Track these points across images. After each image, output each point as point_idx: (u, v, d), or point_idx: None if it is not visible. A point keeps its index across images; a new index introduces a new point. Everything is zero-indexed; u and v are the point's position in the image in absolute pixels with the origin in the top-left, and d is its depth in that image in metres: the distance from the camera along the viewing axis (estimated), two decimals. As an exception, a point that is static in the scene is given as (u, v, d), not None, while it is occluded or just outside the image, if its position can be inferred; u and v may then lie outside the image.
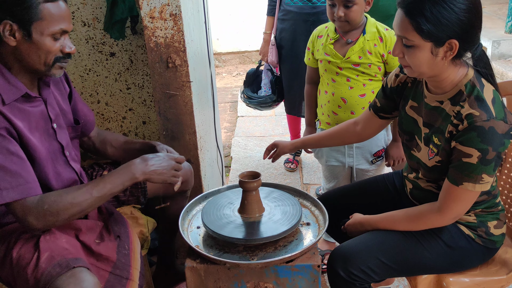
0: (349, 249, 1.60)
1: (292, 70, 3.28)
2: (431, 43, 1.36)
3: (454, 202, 1.48)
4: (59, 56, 1.52)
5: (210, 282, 1.60)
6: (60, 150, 1.66)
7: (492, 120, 1.37)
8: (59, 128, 1.65)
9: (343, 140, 1.98)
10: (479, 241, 1.59)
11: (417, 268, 1.61)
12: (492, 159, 1.39)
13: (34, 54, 1.48)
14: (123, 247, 1.70)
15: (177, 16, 1.96)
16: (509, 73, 4.95)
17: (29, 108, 1.53)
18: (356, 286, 1.56)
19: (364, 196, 1.90)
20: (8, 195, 1.41)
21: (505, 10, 6.10)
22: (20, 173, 1.43)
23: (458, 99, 1.45)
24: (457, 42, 1.35)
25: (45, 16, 1.45)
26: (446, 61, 1.40)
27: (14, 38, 1.45)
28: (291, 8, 3.15)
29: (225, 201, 1.81)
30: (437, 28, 1.33)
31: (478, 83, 1.44)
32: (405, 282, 2.34)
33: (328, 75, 2.23)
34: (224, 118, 4.87)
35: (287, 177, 3.56)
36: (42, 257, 1.44)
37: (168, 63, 2.03)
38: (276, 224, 1.66)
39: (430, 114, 1.56)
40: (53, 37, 1.49)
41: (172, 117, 2.14)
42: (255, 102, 3.42)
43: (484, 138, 1.37)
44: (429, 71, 1.44)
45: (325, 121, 2.32)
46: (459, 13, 1.32)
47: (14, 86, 1.49)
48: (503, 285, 1.65)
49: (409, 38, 1.38)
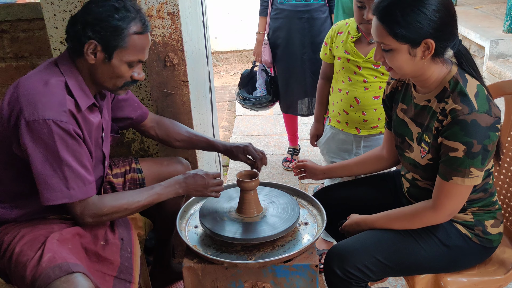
0: (346, 247, 1.60)
1: (287, 68, 3.27)
2: (407, 45, 1.42)
3: (446, 198, 1.49)
4: (128, 81, 1.59)
5: (208, 282, 1.60)
6: (102, 159, 1.73)
7: (474, 113, 1.40)
8: (106, 138, 1.72)
9: (369, 165, 1.94)
10: (476, 240, 1.59)
11: (414, 268, 1.61)
12: (478, 152, 1.41)
13: (108, 75, 1.55)
14: (125, 250, 1.71)
15: (175, 14, 1.95)
16: (507, 72, 4.95)
17: (91, 118, 1.60)
18: (352, 285, 1.56)
19: (363, 194, 1.90)
20: (75, 195, 1.49)
21: (503, 10, 6.11)
22: (85, 175, 1.51)
23: (443, 96, 1.49)
24: (432, 41, 1.40)
25: (130, 46, 1.52)
26: (425, 59, 1.44)
27: (95, 57, 1.51)
28: (285, 7, 3.15)
29: (223, 201, 1.81)
30: (410, 30, 1.39)
31: (462, 78, 1.48)
32: (402, 282, 2.34)
33: (345, 73, 2.21)
34: (222, 117, 4.87)
35: (285, 176, 3.56)
36: (44, 257, 1.44)
37: (165, 62, 2.02)
38: (274, 223, 1.65)
39: (420, 114, 1.59)
40: (129, 65, 1.55)
41: (170, 116, 2.13)
42: (250, 103, 3.42)
43: (467, 132, 1.40)
44: (411, 71, 1.49)
45: (336, 119, 2.32)
46: (429, 14, 1.38)
47: (87, 95, 1.56)
48: (501, 285, 1.65)
49: (386, 43, 1.44)
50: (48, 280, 1.38)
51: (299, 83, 3.28)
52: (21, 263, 1.47)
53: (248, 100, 3.42)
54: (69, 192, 1.48)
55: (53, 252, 1.46)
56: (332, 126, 2.35)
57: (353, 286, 1.57)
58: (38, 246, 1.49)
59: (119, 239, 1.72)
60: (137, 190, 1.66)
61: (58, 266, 1.41)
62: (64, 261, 1.42)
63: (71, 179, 1.48)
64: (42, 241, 1.51)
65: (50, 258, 1.43)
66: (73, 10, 2.28)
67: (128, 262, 1.68)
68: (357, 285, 1.57)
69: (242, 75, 3.55)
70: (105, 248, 1.65)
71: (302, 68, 3.23)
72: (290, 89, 3.32)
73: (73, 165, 1.48)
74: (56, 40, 2.34)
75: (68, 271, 1.39)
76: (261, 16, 3.34)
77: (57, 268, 1.40)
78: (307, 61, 3.21)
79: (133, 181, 1.97)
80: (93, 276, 1.53)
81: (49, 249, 1.47)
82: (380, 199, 1.85)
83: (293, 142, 3.73)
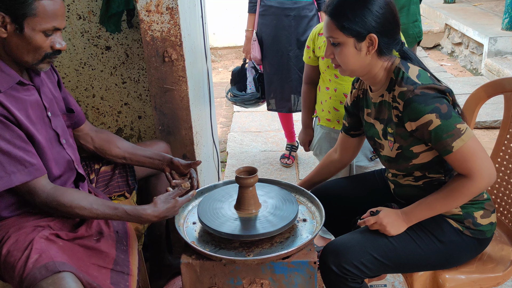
0: (342, 244, 1.60)
1: (272, 65, 3.29)
2: (353, 39, 1.51)
3: (469, 162, 1.46)
4: (49, 52, 1.52)
5: (206, 278, 1.60)
6: (55, 138, 1.66)
7: (418, 86, 1.48)
8: (53, 116, 1.66)
9: (329, 171, 2.00)
10: (468, 233, 1.60)
11: (411, 265, 1.62)
12: (449, 111, 1.46)
13: (24, 48, 1.48)
14: (121, 242, 1.70)
15: (174, 9, 1.94)
16: (505, 70, 4.96)
17: (24, 97, 1.54)
18: (348, 281, 1.57)
19: (362, 190, 1.90)
20: (16, 178, 1.46)
21: (501, 7, 6.11)
22: (24, 157, 1.47)
23: (392, 86, 1.57)
24: (376, 37, 1.50)
25: (39, 12, 1.45)
26: (370, 55, 1.54)
27: (5, 30, 1.45)
28: (272, 3, 3.17)
29: (221, 197, 1.80)
30: (356, 24, 1.49)
31: (404, 66, 1.56)
32: (400, 279, 2.34)
33: (331, 71, 2.21)
34: (220, 113, 4.86)
35: (283, 172, 3.55)
36: (31, 257, 1.42)
37: (164, 57, 2.01)
38: (272, 220, 1.65)
39: (379, 111, 1.66)
40: (44, 34, 1.48)
41: (168, 112, 2.12)
42: (239, 100, 3.43)
43: (424, 101, 1.46)
44: (358, 67, 1.57)
45: (325, 118, 2.31)
46: (373, 9, 1.49)
47: (8, 74, 1.50)
48: (499, 282, 1.65)
49: (334, 36, 1.54)
50: (35, 281, 1.36)
51: (285, 80, 3.29)
52: (10, 264, 1.45)
53: (237, 97, 3.44)
54: (9, 177, 1.44)
55: (41, 251, 1.44)
56: (323, 126, 2.34)
57: (349, 282, 1.57)
58: (25, 246, 1.47)
59: (114, 232, 1.71)
60: (101, 200, 1.61)
61: (44, 266, 1.39)
62: (50, 260, 1.40)
63: (8, 163, 1.44)
64: (29, 240, 1.48)
65: (37, 258, 1.42)
66: (71, 4, 2.27)
67: (124, 254, 1.67)
68: (353, 281, 1.57)
69: (232, 72, 3.57)
70: (100, 241, 1.64)
71: (288, 65, 3.24)
72: (276, 86, 3.33)
73: (5, 148, 1.44)
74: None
75: (54, 271, 1.37)
76: (250, 13, 3.36)
77: (43, 268, 1.38)
78: (293, 58, 3.22)
79: (123, 168, 1.99)
80: (89, 269, 1.53)
81: (36, 249, 1.45)
82: (380, 195, 1.85)
83: (290, 138, 3.73)
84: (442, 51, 6.75)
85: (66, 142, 1.70)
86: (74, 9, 2.29)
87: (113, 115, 2.52)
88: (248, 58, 3.43)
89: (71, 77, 2.42)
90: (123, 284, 1.57)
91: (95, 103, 2.49)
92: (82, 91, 2.46)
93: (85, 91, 2.46)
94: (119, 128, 2.55)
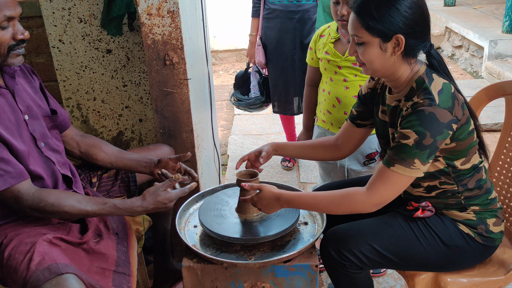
0: (344, 231, 1.60)
1: (277, 68, 3.29)
2: (379, 39, 1.45)
3: (383, 183, 1.47)
4: (12, 44, 1.47)
5: (207, 281, 1.59)
6: (33, 141, 1.63)
7: (434, 106, 1.42)
8: (31, 119, 1.62)
9: (324, 152, 1.92)
10: (479, 239, 1.59)
11: (411, 261, 1.61)
12: (428, 146, 1.42)
13: None
14: (121, 244, 1.70)
15: (175, 13, 1.94)
16: (506, 72, 4.96)
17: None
18: (346, 267, 1.58)
19: None
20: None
21: (502, 10, 6.11)
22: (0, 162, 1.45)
23: (410, 95, 1.51)
24: (403, 37, 1.44)
25: None
26: (395, 56, 1.48)
27: None
28: (276, 7, 3.17)
29: (222, 200, 1.80)
30: (382, 24, 1.43)
31: (428, 78, 1.49)
32: (402, 282, 2.33)
33: (328, 74, 2.22)
34: (221, 116, 4.86)
35: (284, 175, 3.55)
36: (34, 260, 1.41)
37: (165, 60, 2.01)
38: (273, 223, 1.65)
39: (392, 114, 1.62)
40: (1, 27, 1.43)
41: (169, 115, 2.12)
42: (243, 104, 3.43)
43: (422, 122, 1.41)
44: (381, 67, 1.51)
45: (321, 119, 2.31)
46: (401, 10, 1.42)
47: None
48: (501, 285, 1.64)
49: (359, 35, 1.48)
50: (38, 283, 1.35)
51: (290, 83, 3.29)
52: (12, 267, 1.45)
53: (241, 101, 3.44)
54: None
55: (43, 254, 1.43)
56: (319, 126, 2.35)
57: (348, 268, 1.58)
58: (28, 249, 1.46)
59: (114, 233, 1.71)
60: (88, 197, 1.60)
61: (48, 268, 1.38)
62: (53, 262, 1.40)
63: None
64: (32, 243, 1.48)
65: (40, 261, 1.41)
66: (72, 7, 2.27)
67: (125, 256, 1.66)
68: (351, 268, 1.58)
69: (236, 76, 3.57)
70: (100, 243, 1.63)
71: (293, 67, 3.24)
72: (280, 89, 3.33)
73: None
74: (54, 38, 2.33)
75: (57, 273, 1.36)
76: (253, 18, 3.36)
77: (46, 270, 1.37)
78: (298, 61, 3.22)
79: (126, 176, 1.98)
80: (91, 272, 1.52)
81: (39, 251, 1.44)
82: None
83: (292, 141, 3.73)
84: (443, 54, 6.76)
85: (45, 145, 1.66)
86: (75, 12, 2.29)
87: (114, 118, 2.52)
88: (252, 62, 3.43)
89: (72, 80, 2.43)
90: (126, 285, 1.57)
91: (96, 106, 2.49)
92: (83, 94, 2.46)
93: (86, 94, 2.46)
94: (120, 131, 2.55)
